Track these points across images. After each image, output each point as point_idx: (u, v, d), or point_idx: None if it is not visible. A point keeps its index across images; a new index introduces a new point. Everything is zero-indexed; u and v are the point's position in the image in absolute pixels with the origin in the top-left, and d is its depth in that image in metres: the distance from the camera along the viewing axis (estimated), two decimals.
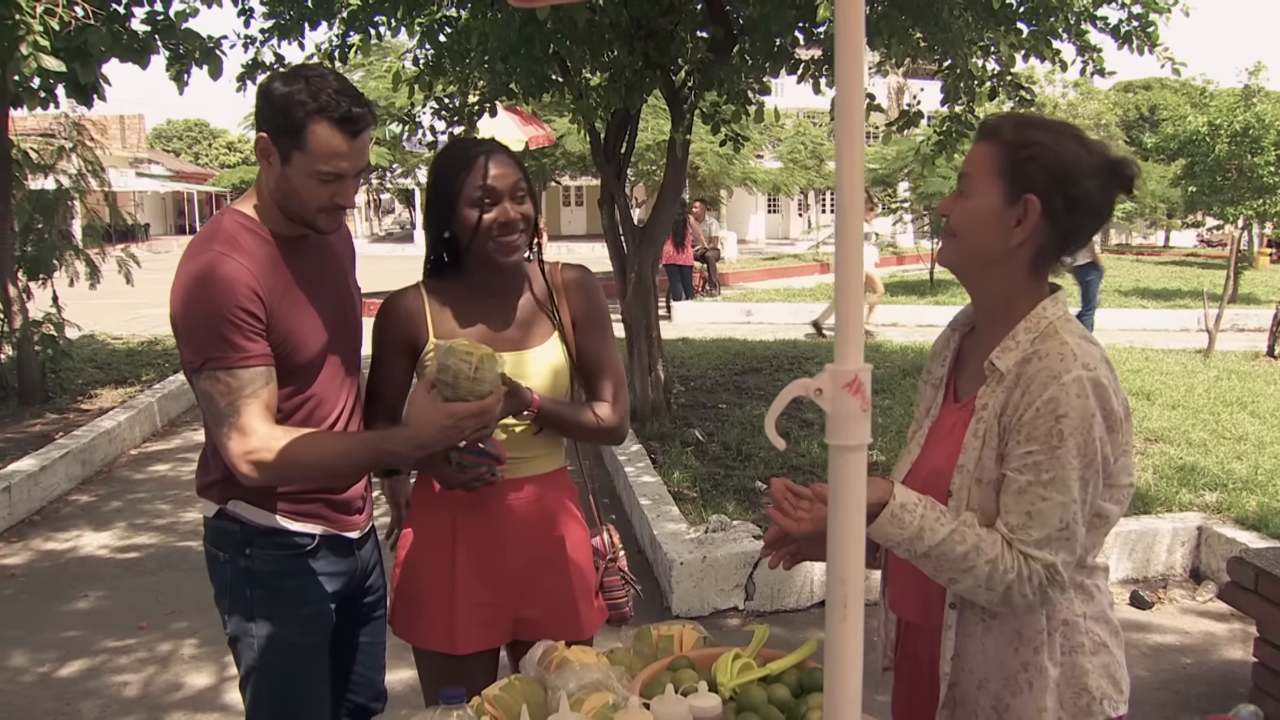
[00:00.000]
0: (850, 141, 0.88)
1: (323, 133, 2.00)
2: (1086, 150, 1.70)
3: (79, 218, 10.98)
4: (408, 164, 25.71)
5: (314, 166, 2.02)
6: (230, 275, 2.00)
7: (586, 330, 2.37)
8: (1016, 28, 7.04)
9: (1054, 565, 1.62)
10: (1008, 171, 1.69)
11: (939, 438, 1.85)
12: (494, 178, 2.19)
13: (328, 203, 2.09)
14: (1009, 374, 1.69)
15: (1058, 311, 1.73)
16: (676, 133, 7.31)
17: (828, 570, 0.94)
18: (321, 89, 2.00)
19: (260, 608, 2.20)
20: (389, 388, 2.33)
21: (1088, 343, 1.69)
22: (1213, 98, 18.37)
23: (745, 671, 1.76)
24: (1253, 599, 3.86)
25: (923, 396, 1.96)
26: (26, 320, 8.49)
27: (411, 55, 8.09)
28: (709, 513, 5.58)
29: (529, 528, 2.33)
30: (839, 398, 0.91)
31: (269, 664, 2.22)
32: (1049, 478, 1.61)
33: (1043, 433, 1.61)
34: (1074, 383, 1.61)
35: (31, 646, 4.49)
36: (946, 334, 1.94)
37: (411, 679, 4.16)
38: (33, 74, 6.24)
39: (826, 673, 0.96)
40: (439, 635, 2.31)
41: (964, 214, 1.73)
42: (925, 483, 1.80)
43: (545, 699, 1.76)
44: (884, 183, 21.02)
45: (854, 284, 0.92)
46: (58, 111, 8.90)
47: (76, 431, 7.56)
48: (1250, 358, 11.23)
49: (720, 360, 10.80)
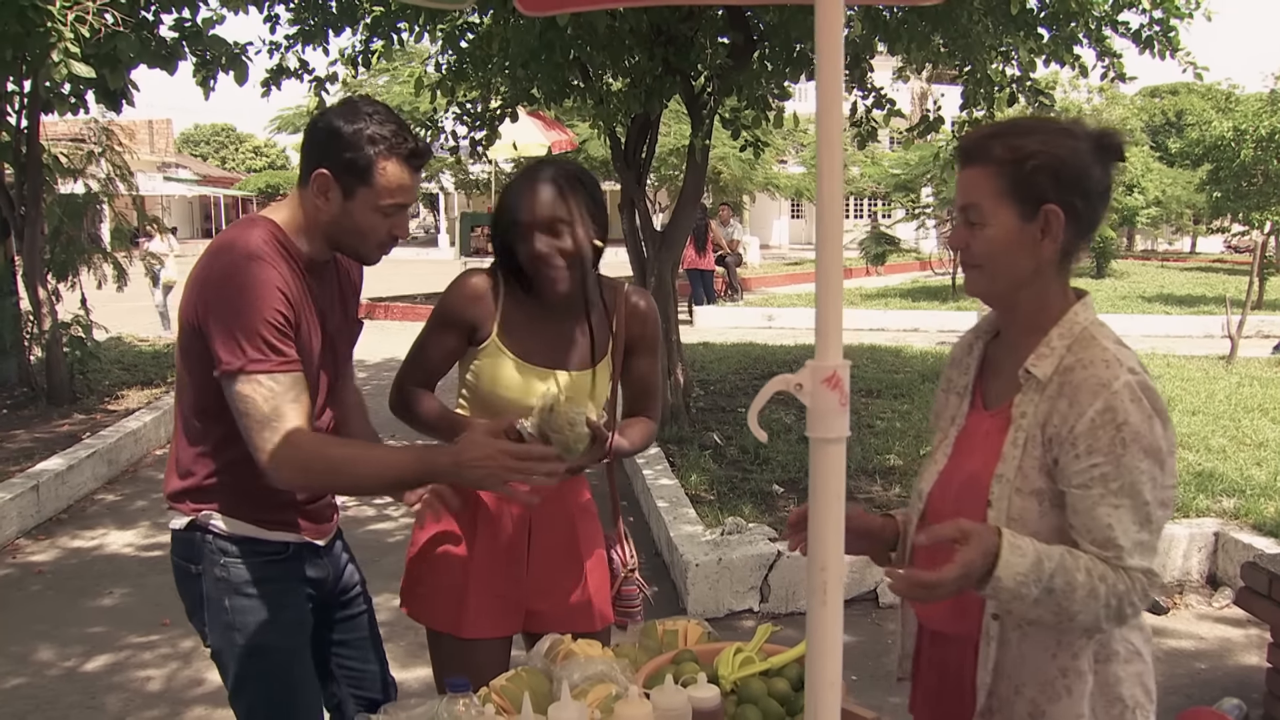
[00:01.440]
0: (830, 149, 0.92)
1: (392, 170, 2.05)
2: (1075, 138, 1.68)
3: (108, 221, 11.13)
4: (431, 169, 25.85)
5: (380, 201, 2.07)
6: (271, 280, 2.02)
7: (639, 355, 2.46)
8: (1037, 33, 7.04)
9: (1150, 570, 1.61)
10: (1015, 190, 1.65)
11: (970, 446, 1.81)
12: (529, 211, 2.25)
13: (385, 236, 2.13)
14: (1049, 382, 1.66)
15: (1089, 316, 1.71)
16: (696, 138, 7.35)
17: (808, 558, 0.98)
18: (382, 126, 2.05)
19: (241, 616, 2.18)
20: (438, 356, 2.38)
21: (1123, 347, 1.68)
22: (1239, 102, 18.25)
23: (746, 665, 1.80)
24: (1266, 604, 3.85)
25: (944, 404, 1.92)
26: (55, 322, 8.61)
27: (434, 61, 8.17)
28: (725, 515, 5.61)
29: (549, 524, 2.39)
30: (818, 393, 0.95)
31: (258, 671, 2.22)
32: (1118, 486, 1.59)
33: (1105, 443, 1.59)
34: (1125, 389, 1.59)
35: (58, 641, 4.58)
36: (968, 340, 1.91)
37: (428, 676, 4.23)
38: (63, 80, 6.35)
39: (808, 658, 1.00)
40: (447, 618, 2.37)
41: (983, 244, 1.69)
42: (960, 491, 1.77)
43: (551, 690, 1.81)
44: (906, 188, 20.98)
45: (834, 284, 0.96)
46: (87, 117, 9.03)
47: (103, 432, 7.67)
48: (1274, 364, 11.14)
49: (740, 364, 10.82)
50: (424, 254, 33.40)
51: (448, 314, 2.36)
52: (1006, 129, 1.72)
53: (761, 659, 1.85)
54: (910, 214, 21.56)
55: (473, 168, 22.37)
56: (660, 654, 1.94)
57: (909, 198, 21.11)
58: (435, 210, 41.51)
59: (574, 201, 2.26)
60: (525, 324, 2.34)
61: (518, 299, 2.36)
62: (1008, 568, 1.56)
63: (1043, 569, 1.58)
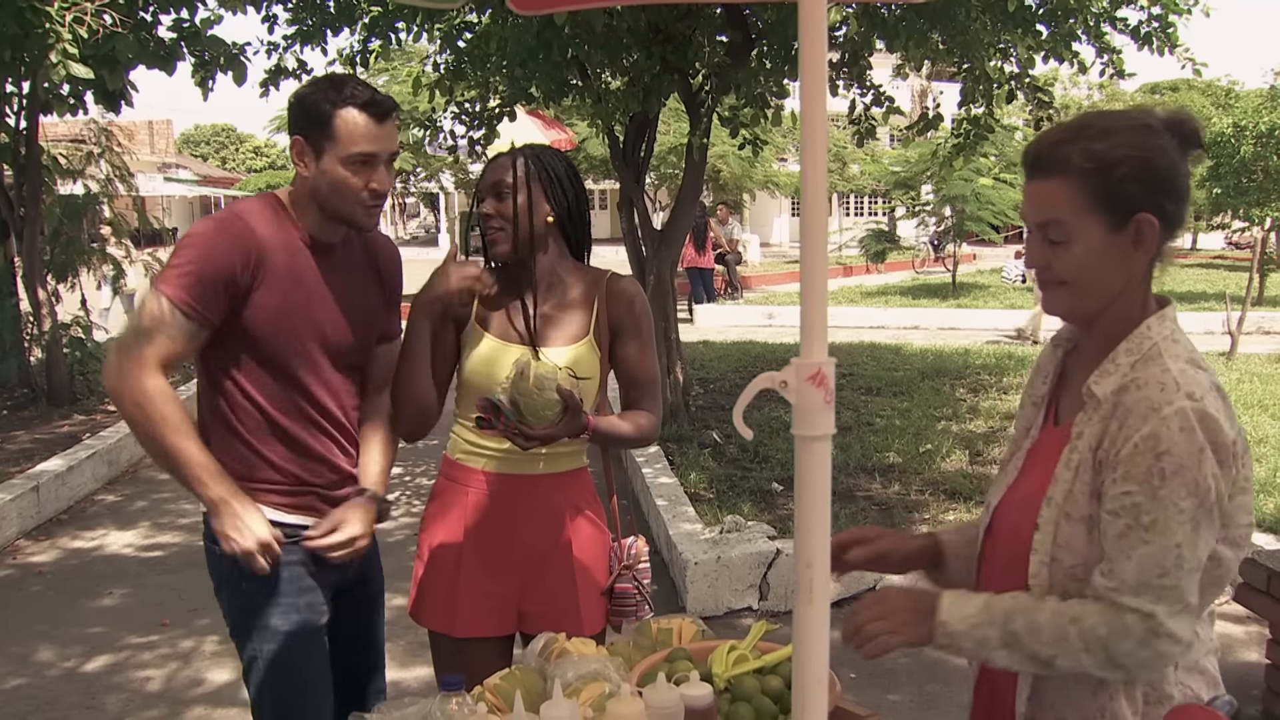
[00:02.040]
0: (813, 148, 0.93)
1: (349, 117, 2.13)
2: (1157, 135, 1.54)
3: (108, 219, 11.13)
4: (431, 168, 25.86)
5: (346, 152, 2.14)
6: (233, 233, 2.14)
7: (627, 341, 2.44)
8: (1035, 29, 7.03)
9: (1153, 615, 1.45)
10: (1103, 202, 1.52)
11: (1036, 462, 1.70)
12: (481, 179, 2.38)
13: (364, 191, 2.18)
14: (1106, 402, 1.55)
15: (1163, 331, 1.57)
16: (694, 137, 7.35)
17: (795, 555, 0.99)
18: (343, 83, 2.16)
19: (254, 597, 2.25)
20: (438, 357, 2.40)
21: (1194, 368, 1.52)
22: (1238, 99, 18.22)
23: (740, 663, 1.80)
24: (1265, 601, 3.85)
25: (1023, 415, 1.81)
26: (55, 323, 8.62)
27: (432, 60, 8.17)
28: (724, 513, 5.62)
29: (539, 523, 2.39)
30: (803, 390, 0.95)
31: (267, 652, 2.27)
32: (1149, 520, 1.45)
33: (1141, 472, 1.46)
34: (1176, 415, 1.45)
35: (58, 642, 4.58)
36: (1049, 350, 1.78)
37: (427, 675, 4.24)
38: (62, 81, 6.36)
39: (795, 654, 1.00)
40: (439, 616, 2.39)
41: (1070, 262, 1.55)
42: (1019, 511, 1.67)
43: (544, 689, 1.81)
44: (906, 185, 20.97)
45: (819, 282, 0.96)
46: (87, 118, 9.04)
47: (103, 432, 7.69)
48: (1274, 360, 11.13)
49: (740, 363, 10.83)
50: (424, 253, 33.34)
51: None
52: (1079, 132, 1.55)
53: (755, 657, 1.85)
54: (910, 211, 21.53)
55: (472, 167, 22.32)
56: (654, 652, 1.94)
57: (909, 195, 21.09)
58: (435, 210, 41.55)
59: (525, 172, 2.34)
60: (501, 306, 2.40)
61: (495, 281, 2.40)
62: (953, 612, 1.52)
63: (994, 610, 1.54)
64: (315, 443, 2.29)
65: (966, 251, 24.20)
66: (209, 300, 2.10)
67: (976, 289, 19.99)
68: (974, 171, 17.69)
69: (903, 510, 5.91)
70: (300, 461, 2.28)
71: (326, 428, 2.31)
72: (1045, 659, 1.51)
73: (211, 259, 2.10)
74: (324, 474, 2.32)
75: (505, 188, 2.33)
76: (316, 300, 2.25)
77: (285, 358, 2.22)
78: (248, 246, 2.14)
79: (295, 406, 2.26)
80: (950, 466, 6.87)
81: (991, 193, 18.49)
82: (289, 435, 2.26)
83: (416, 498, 6.83)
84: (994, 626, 1.52)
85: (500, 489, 2.37)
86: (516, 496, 2.37)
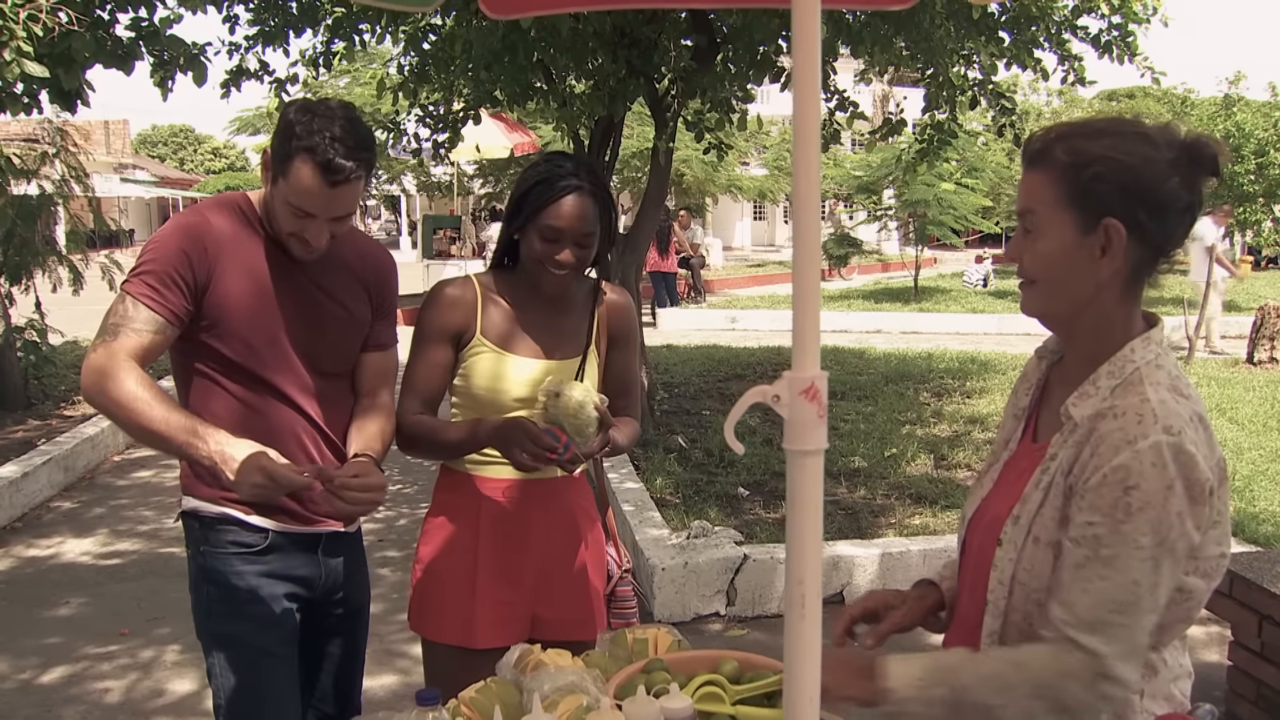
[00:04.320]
0: (806, 155, 0.91)
1: (302, 170, 2.04)
2: (1154, 146, 1.48)
3: (63, 223, 10.94)
4: (393, 171, 25.66)
5: (286, 198, 2.09)
6: (188, 227, 2.15)
7: (620, 351, 2.50)
8: (998, 37, 7.10)
9: (1102, 657, 1.42)
10: (1074, 198, 1.49)
11: (1010, 478, 1.67)
12: (567, 220, 2.26)
13: (294, 230, 2.14)
14: (1082, 426, 1.50)
15: (1147, 355, 1.52)
16: (660, 140, 7.34)
17: (786, 571, 0.97)
18: (320, 130, 2.04)
19: (215, 604, 2.24)
20: (428, 374, 2.36)
21: (1177, 397, 1.47)
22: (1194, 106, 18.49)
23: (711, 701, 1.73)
24: (1227, 603, 3.90)
25: (1004, 426, 1.77)
26: (9, 326, 8.46)
27: (396, 63, 8.11)
28: (691, 519, 5.61)
29: (554, 527, 2.39)
30: (796, 404, 0.94)
31: (227, 662, 2.24)
32: (1109, 554, 1.42)
33: (1107, 503, 1.42)
34: (1150, 450, 1.41)
35: (13, 653, 4.48)
36: (1033, 362, 1.75)
37: (395, 684, 4.19)
38: (16, 79, 6.21)
39: (785, 672, 0.99)
40: (458, 630, 2.35)
41: (1037, 257, 1.54)
42: (988, 529, 1.64)
43: (520, 701, 1.78)
44: (869, 190, 21.11)
45: (811, 294, 0.94)
46: (41, 117, 8.86)
47: (59, 438, 7.54)
48: (1231, 364, 11.31)
49: (704, 367, 10.84)
50: None
51: (432, 327, 2.36)
52: (1076, 129, 1.54)
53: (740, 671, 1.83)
54: (872, 216, 21.68)
55: (434, 170, 22.24)
56: (630, 663, 1.92)
57: (870, 199, 21.23)
58: (397, 212, 41.31)
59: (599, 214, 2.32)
60: (507, 319, 2.37)
61: (497, 294, 2.38)
62: (901, 677, 1.47)
63: (941, 666, 1.51)
64: (287, 446, 2.22)
65: (928, 255, 24.36)
66: (169, 293, 2.09)
67: (938, 293, 20.17)
68: (936, 176, 17.84)
69: (869, 515, 5.92)
70: None
71: (299, 433, 2.26)
72: (996, 708, 1.47)
73: (167, 253, 2.11)
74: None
75: (590, 241, 2.30)
76: (284, 302, 2.21)
77: (254, 360, 2.19)
78: (202, 240, 2.13)
79: (266, 408, 2.21)
80: (915, 471, 6.90)
81: (954, 197, 18.68)
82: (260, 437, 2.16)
83: (386, 499, 6.75)
84: (942, 686, 1.48)
85: (517, 495, 2.36)
86: (533, 501, 2.37)
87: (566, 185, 2.26)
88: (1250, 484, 6.18)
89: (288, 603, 2.29)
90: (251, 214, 2.22)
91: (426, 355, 2.37)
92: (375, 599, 5.19)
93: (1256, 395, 9.34)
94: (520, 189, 2.33)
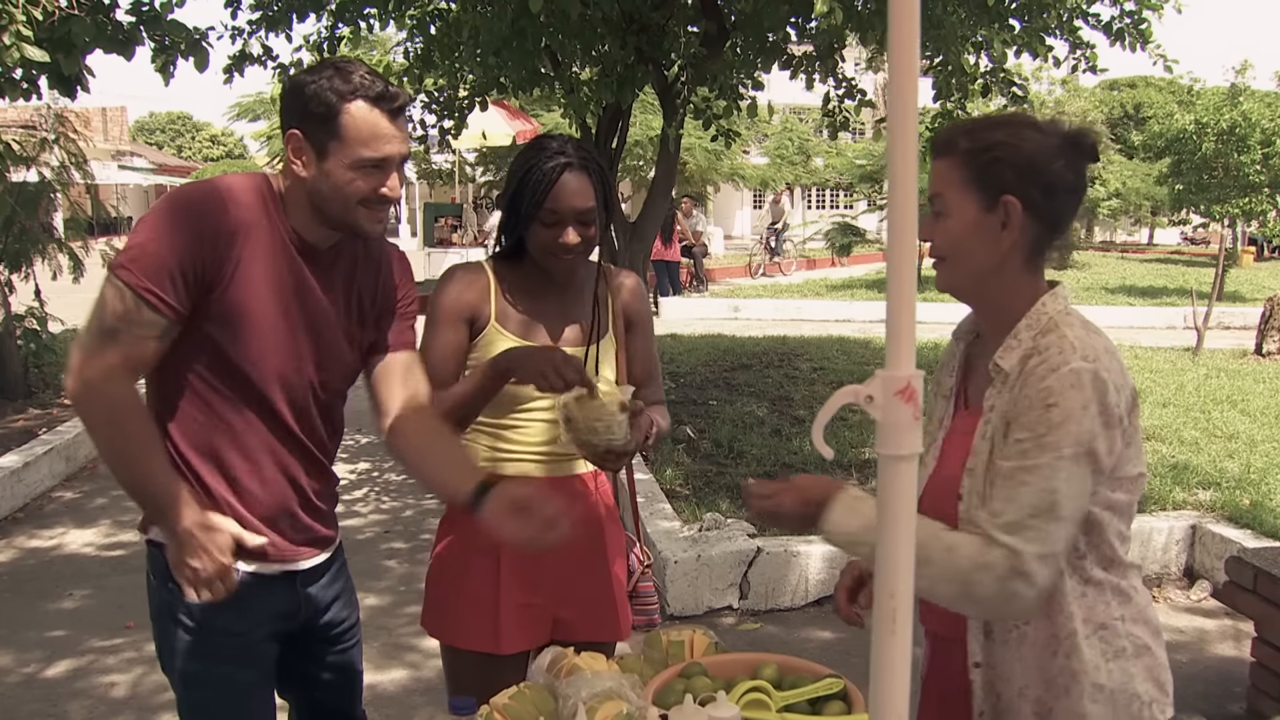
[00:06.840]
0: (903, 145, 0.84)
1: (359, 113, 1.83)
2: (1043, 133, 1.70)
3: (61, 210, 10.85)
4: None
5: (355, 155, 1.85)
6: (205, 210, 1.87)
7: (639, 335, 2.46)
8: (1009, 24, 7.02)
9: (1020, 554, 1.55)
10: (976, 179, 1.68)
11: (952, 446, 1.83)
12: (564, 201, 2.21)
13: (370, 193, 1.90)
14: (1013, 373, 1.67)
15: (1058, 306, 1.71)
16: (669, 128, 7.26)
17: (876, 584, 0.91)
18: (351, 71, 1.86)
19: (181, 641, 2.01)
20: (443, 355, 2.28)
21: (1090, 333, 1.66)
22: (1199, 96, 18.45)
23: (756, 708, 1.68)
24: (1251, 599, 3.85)
25: (933, 409, 1.93)
26: (9, 314, 8.38)
27: (401, 48, 8.02)
28: (702, 510, 5.55)
29: (579, 523, 2.29)
30: (890, 405, 0.87)
31: (195, 701, 2.06)
32: (1031, 464, 1.58)
33: (1032, 419, 1.59)
34: (1070, 373, 1.58)
35: (16, 646, 4.42)
36: (951, 345, 1.93)
37: (404, 679, 4.14)
38: (15, 64, 6.13)
39: (872, 691, 0.92)
40: (482, 636, 2.28)
41: (946, 235, 1.72)
42: (938, 491, 1.78)
43: (556, 707, 1.72)
44: (873, 179, 21.05)
45: (907, 289, 0.88)
46: (40, 103, 8.77)
47: (60, 427, 7.46)
48: (1238, 355, 11.26)
49: (709, 356, 10.77)
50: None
51: (447, 309, 2.30)
52: (977, 124, 1.76)
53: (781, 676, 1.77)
54: (874, 205, 21.62)
55: (435, 157, 22.15)
56: (665, 666, 1.87)
57: (874, 189, 21.16)
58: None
59: (598, 189, 2.27)
60: (519, 306, 2.32)
61: (508, 283, 2.33)
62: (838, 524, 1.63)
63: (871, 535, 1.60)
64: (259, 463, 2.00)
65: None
66: (177, 289, 1.82)
67: None
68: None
69: None
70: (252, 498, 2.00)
71: (276, 449, 2.02)
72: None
73: (178, 237, 1.82)
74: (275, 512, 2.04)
75: (591, 216, 2.25)
76: (296, 309, 1.97)
77: (250, 365, 1.93)
78: (224, 228, 1.86)
79: (244, 422, 1.97)
80: None
81: None
82: (244, 464, 1.98)
83: (385, 494, 6.71)
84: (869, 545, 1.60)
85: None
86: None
87: (555, 165, 2.21)
88: (1266, 476, 6.12)
89: (266, 639, 2.10)
90: (273, 199, 1.95)
91: (441, 335, 2.29)
92: (382, 592, 5.17)
93: (1267, 387, 9.27)
94: (511, 185, 2.26)
